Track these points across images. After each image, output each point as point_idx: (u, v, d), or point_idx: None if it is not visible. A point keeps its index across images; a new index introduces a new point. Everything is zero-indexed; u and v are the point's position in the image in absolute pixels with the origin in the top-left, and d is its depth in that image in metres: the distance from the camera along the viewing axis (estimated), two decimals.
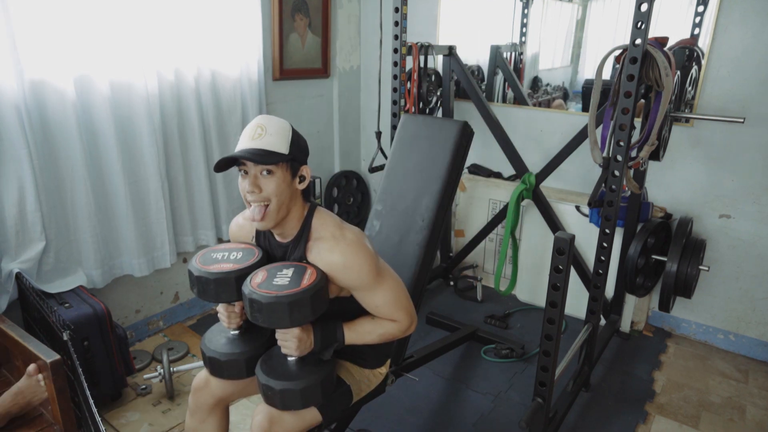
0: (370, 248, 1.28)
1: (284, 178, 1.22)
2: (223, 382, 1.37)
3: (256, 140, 1.21)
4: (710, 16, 2.28)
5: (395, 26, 2.30)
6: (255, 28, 2.64)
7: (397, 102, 2.43)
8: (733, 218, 2.44)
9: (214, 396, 1.37)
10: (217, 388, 1.37)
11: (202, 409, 1.39)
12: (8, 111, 1.84)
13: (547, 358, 1.60)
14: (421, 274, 1.68)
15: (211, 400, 1.37)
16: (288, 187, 1.24)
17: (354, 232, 1.28)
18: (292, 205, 1.26)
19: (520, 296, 2.96)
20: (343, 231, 1.27)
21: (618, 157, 1.85)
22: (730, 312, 2.55)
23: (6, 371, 1.86)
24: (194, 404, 1.39)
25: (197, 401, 1.38)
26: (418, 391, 2.20)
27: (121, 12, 2.09)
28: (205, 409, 1.39)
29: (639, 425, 2.05)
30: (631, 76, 1.76)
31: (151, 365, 2.35)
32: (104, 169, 2.19)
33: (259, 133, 1.21)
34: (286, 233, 1.30)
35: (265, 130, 1.22)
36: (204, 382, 1.37)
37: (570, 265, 1.51)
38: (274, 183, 1.21)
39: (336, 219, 1.32)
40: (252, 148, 1.20)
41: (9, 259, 1.94)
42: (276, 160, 1.20)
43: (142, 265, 2.36)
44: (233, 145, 2.66)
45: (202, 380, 1.38)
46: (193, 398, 1.39)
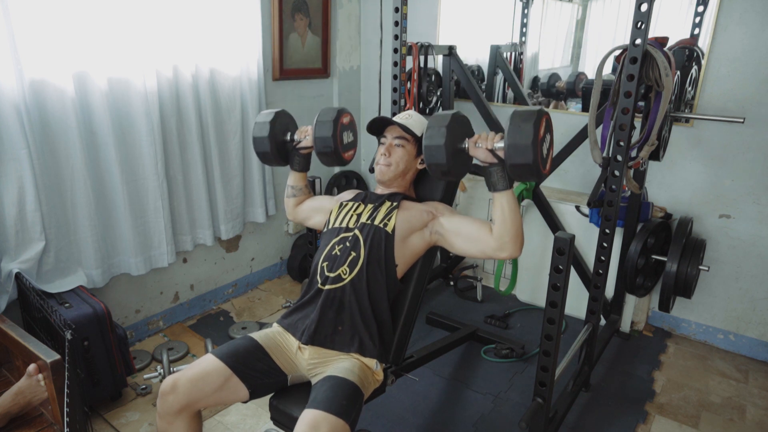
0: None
1: (410, 152, 1.67)
2: (189, 389, 1.37)
3: (403, 119, 1.66)
4: (710, 16, 2.28)
5: (395, 26, 2.30)
6: (255, 28, 2.64)
7: (397, 102, 2.43)
8: (733, 218, 2.44)
9: (179, 401, 1.37)
10: (183, 394, 1.37)
11: (169, 413, 1.39)
12: (8, 111, 1.84)
13: (547, 358, 1.60)
14: (422, 272, 1.68)
15: (177, 404, 1.38)
16: (410, 160, 1.67)
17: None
18: (407, 178, 1.70)
19: (520, 296, 2.96)
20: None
21: (618, 157, 1.85)
22: (730, 312, 2.55)
23: (6, 371, 1.86)
24: (161, 408, 1.40)
25: (163, 405, 1.39)
26: (418, 391, 2.20)
27: (120, 9, 2.09)
28: (171, 412, 1.39)
29: (639, 425, 2.05)
30: (631, 76, 1.76)
31: (151, 365, 2.35)
32: (103, 168, 2.19)
33: (406, 117, 1.68)
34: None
35: (411, 117, 1.68)
36: (171, 387, 1.38)
37: (570, 265, 1.51)
38: (401, 152, 1.65)
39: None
40: (399, 122, 1.64)
41: (9, 259, 1.93)
42: (410, 134, 1.65)
43: (140, 264, 2.36)
44: (233, 144, 2.67)
45: (169, 385, 1.39)
46: (160, 402, 1.40)
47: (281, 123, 1.77)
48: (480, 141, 1.38)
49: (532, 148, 1.26)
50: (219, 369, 1.41)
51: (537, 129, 1.26)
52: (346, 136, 1.71)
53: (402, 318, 1.64)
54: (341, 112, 1.67)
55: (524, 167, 1.29)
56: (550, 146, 1.37)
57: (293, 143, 1.77)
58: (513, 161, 1.29)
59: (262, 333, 1.56)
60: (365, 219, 1.61)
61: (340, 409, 1.28)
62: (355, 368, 1.45)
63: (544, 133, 1.31)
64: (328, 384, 1.37)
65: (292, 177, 1.83)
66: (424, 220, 1.60)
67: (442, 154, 1.35)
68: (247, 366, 1.44)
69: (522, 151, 1.27)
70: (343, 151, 1.71)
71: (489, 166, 1.38)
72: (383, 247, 1.55)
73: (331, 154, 1.67)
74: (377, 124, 1.68)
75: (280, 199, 3.06)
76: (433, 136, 1.36)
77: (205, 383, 1.39)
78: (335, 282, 1.54)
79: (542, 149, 1.29)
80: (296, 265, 3.13)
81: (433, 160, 1.37)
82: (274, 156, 1.77)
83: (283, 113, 1.80)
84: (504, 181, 1.39)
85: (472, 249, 1.52)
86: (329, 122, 1.64)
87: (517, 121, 1.28)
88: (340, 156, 1.70)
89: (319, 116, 1.67)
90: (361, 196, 1.72)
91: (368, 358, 1.51)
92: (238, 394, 1.44)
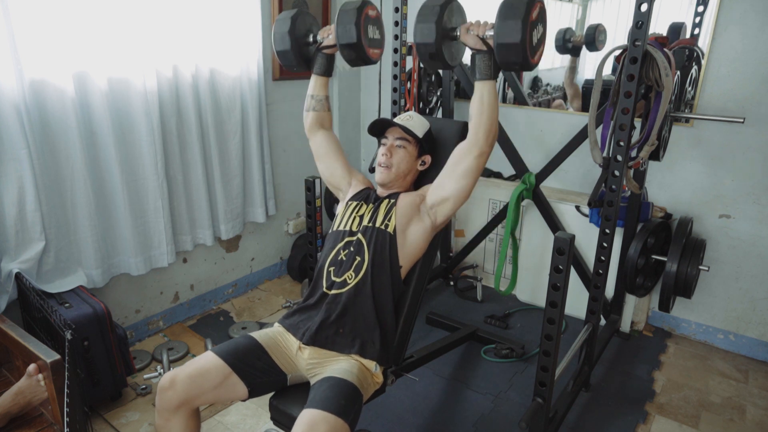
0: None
1: (411, 153, 1.67)
2: (188, 385, 1.38)
3: (405, 121, 1.67)
4: (710, 16, 2.28)
5: (395, 26, 2.30)
6: (255, 28, 2.64)
7: (397, 102, 2.43)
8: (733, 218, 2.44)
9: (178, 397, 1.38)
10: (181, 390, 1.37)
11: (167, 409, 1.39)
12: (8, 111, 1.84)
13: (547, 358, 1.60)
14: (422, 272, 1.68)
15: (175, 401, 1.38)
16: (411, 161, 1.68)
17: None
18: (407, 180, 1.70)
19: (520, 296, 2.96)
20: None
21: (618, 157, 1.85)
22: (730, 312, 2.55)
23: (6, 371, 1.86)
24: (159, 404, 1.41)
25: (162, 401, 1.39)
26: (418, 391, 2.20)
27: (120, 9, 2.09)
28: (169, 409, 1.39)
29: (639, 425, 2.05)
30: (631, 76, 1.76)
31: (151, 365, 2.35)
32: (103, 168, 2.19)
33: (407, 118, 1.69)
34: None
35: (412, 118, 1.69)
36: (169, 383, 1.38)
37: (570, 265, 1.51)
38: (402, 153, 1.65)
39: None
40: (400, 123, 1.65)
41: (9, 259, 1.93)
42: (411, 135, 1.65)
43: (139, 263, 2.36)
44: (233, 144, 2.67)
45: (168, 381, 1.39)
46: (158, 397, 1.40)
47: (303, 22, 1.67)
48: (472, 28, 1.40)
49: (522, 26, 1.24)
50: (218, 366, 1.41)
51: (529, 10, 1.25)
52: (372, 31, 1.60)
53: (402, 318, 1.64)
54: (366, 3, 1.57)
55: (511, 47, 1.28)
56: (542, 39, 1.36)
57: (316, 44, 1.69)
58: (501, 40, 1.28)
59: (263, 332, 1.56)
60: (367, 221, 1.62)
61: (339, 409, 1.28)
62: (354, 369, 1.45)
63: (537, 19, 1.30)
64: (327, 384, 1.37)
65: (313, 83, 1.78)
66: (416, 203, 1.61)
67: (432, 33, 1.33)
68: (246, 364, 1.44)
69: (511, 29, 1.26)
70: (369, 45, 1.60)
71: (478, 52, 1.41)
72: (387, 249, 1.56)
73: (355, 47, 1.56)
74: (378, 125, 1.69)
75: (280, 199, 3.06)
76: (425, 15, 1.35)
77: (204, 380, 1.39)
78: (341, 287, 1.55)
79: (532, 34, 1.28)
80: (296, 265, 3.13)
81: (423, 38, 1.36)
82: (296, 55, 1.66)
83: (306, 13, 1.68)
84: (489, 70, 1.40)
85: (457, 177, 1.53)
86: (353, 11, 1.54)
87: (510, 0, 1.29)
88: (365, 50, 1.58)
89: (342, 6, 1.58)
90: (365, 194, 1.72)
91: (368, 360, 1.51)
92: (236, 392, 1.44)
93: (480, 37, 1.39)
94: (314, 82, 1.78)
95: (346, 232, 1.63)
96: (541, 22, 1.33)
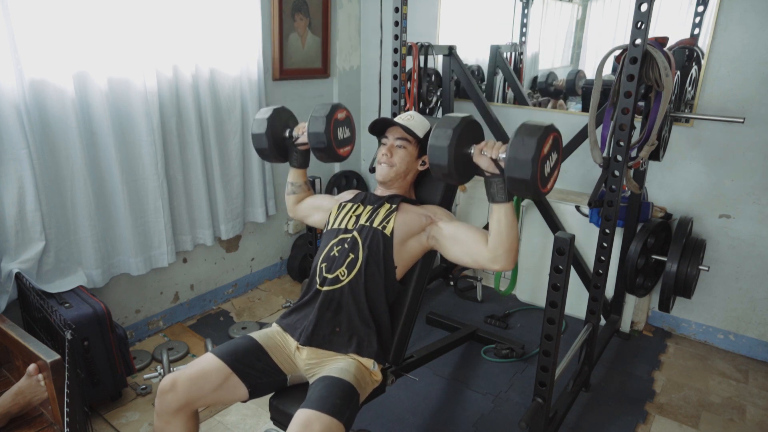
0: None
1: (412, 153, 1.66)
2: (188, 387, 1.37)
3: (405, 121, 1.66)
4: (710, 16, 2.28)
5: (395, 26, 2.30)
6: (255, 28, 2.64)
7: (397, 102, 2.43)
8: (733, 218, 2.44)
9: (178, 400, 1.37)
10: (182, 392, 1.37)
11: (167, 412, 1.39)
12: (8, 111, 1.84)
13: (547, 358, 1.60)
14: (422, 273, 1.68)
15: (175, 403, 1.37)
16: (412, 162, 1.67)
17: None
18: (407, 179, 1.69)
19: (520, 296, 2.96)
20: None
21: (618, 157, 1.85)
22: (730, 312, 2.55)
23: (6, 371, 1.86)
24: (159, 406, 1.40)
25: (162, 403, 1.39)
26: (418, 391, 2.20)
27: (120, 9, 2.09)
28: (169, 411, 1.39)
29: (639, 425, 2.05)
30: (631, 76, 1.76)
31: (151, 365, 2.35)
32: (103, 168, 2.19)
33: (408, 118, 1.67)
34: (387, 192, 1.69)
35: (413, 118, 1.68)
36: (170, 386, 1.37)
37: (570, 265, 1.51)
38: (402, 153, 1.65)
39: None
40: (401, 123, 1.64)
41: (9, 259, 1.93)
42: (412, 135, 1.64)
43: (140, 263, 2.36)
44: (233, 144, 2.67)
45: (168, 383, 1.38)
46: (158, 400, 1.40)
47: (280, 119, 1.78)
48: (486, 149, 1.35)
49: (532, 164, 1.22)
50: (219, 368, 1.41)
51: (540, 145, 1.22)
52: (342, 132, 1.71)
53: (402, 318, 1.64)
54: (336, 108, 1.67)
55: (521, 183, 1.25)
56: (556, 166, 1.32)
57: (292, 139, 1.77)
58: (511, 174, 1.26)
59: (262, 333, 1.56)
60: (364, 221, 1.61)
61: (333, 409, 1.28)
62: (351, 368, 1.45)
63: (549, 151, 1.26)
64: (323, 384, 1.37)
65: (292, 174, 1.84)
66: (422, 224, 1.59)
67: (445, 157, 1.33)
68: (246, 365, 1.44)
69: (521, 165, 1.23)
70: (338, 146, 1.70)
71: (491, 176, 1.36)
72: (382, 249, 1.55)
73: (325, 150, 1.67)
74: (379, 124, 1.69)
75: (280, 199, 3.06)
76: (439, 137, 1.34)
77: (205, 381, 1.39)
78: (333, 283, 1.54)
79: (543, 167, 1.25)
80: (296, 265, 3.13)
81: (436, 160, 1.35)
82: (273, 153, 1.77)
83: (283, 110, 1.80)
84: (503, 194, 1.36)
85: (466, 257, 1.50)
86: (322, 118, 1.64)
87: (522, 133, 1.24)
88: (335, 152, 1.69)
89: (313, 112, 1.67)
90: (361, 197, 1.71)
91: (365, 359, 1.51)
92: (237, 394, 1.44)
93: (493, 159, 1.34)
94: (293, 173, 1.84)
95: (341, 230, 1.63)
96: (554, 151, 1.30)
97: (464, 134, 1.35)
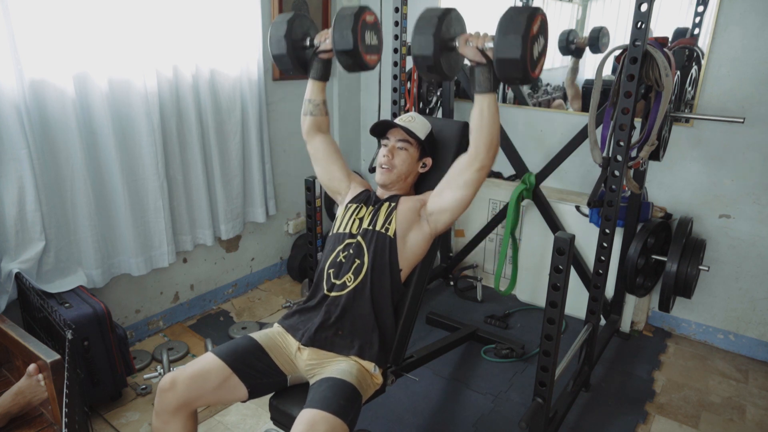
0: None
1: (413, 155, 1.66)
2: (188, 386, 1.37)
3: (407, 122, 1.65)
4: (710, 16, 2.28)
5: (395, 26, 2.29)
6: (255, 28, 2.64)
7: (397, 102, 2.43)
8: (733, 218, 2.44)
9: (178, 399, 1.37)
10: (182, 391, 1.37)
11: (166, 411, 1.38)
12: (8, 111, 1.84)
13: (547, 358, 1.60)
14: (422, 273, 1.68)
15: (174, 402, 1.37)
16: (412, 163, 1.67)
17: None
18: (407, 182, 1.69)
19: (520, 296, 2.96)
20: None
21: (618, 157, 1.85)
22: (730, 312, 2.55)
23: (6, 371, 1.86)
24: (158, 405, 1.40)
25: (161, 402, 1.38)
26: (418, 391, 2.20)
27: (121, 9, 2.09)
28: (168, 410, 1.38)
29: (639, 425, 2.05)
30: (631, 76, 1.76)
31: (151, 365, 2.35)
32: (103, 168, 2.19)
33: (409, 120, 1.67)
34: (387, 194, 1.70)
35: (414, 120, 1.68)
36: (170, 384, 1.37)
37: (570, 265, 1.51)
38: (403, 155, 1.65)
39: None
40: (402, 125, 1.64)
41: (9, 259, 1.93)
42: (413, 137, 1.64)
43: (140, 264, 2.36)
44: (233, 144, 2.67)
45: (168, 382, 1.37)
46: (158, 399, 1.39)
47: (300, 25, 1.65)
48: (471, 39, 1.35)
49: (522, 42, 1.20)
50: (219, 367, 1.41)
51: (530, 23, 1.21)
52: (369, 37, 1.57)
53: (402, 319, 1.64)
54: (363, 9, 1.54)
55: (511, 63, 1.23)
56: (543, 51, 1.31)
57: (313, 48, 1.66)
58: (500, 55, 1.24)
59: (262, 333, 1.56)
60: (367, 224, 1.61)
61: (338, 409, 1.28)
62: (353, 370, 1.45)
63: (538, 32, 1.25)
64: (326, 385, 1.37)
65: (310, 88, 1.75)
66: (416, 208, 1.60)
67: (430, 46, 1.30)
68: (246, 365, 1.44)
69: (511, 44, 1.21)
70: (366, 52, 1.56)
71: (477, 65, 1.36)
72: (387, 253, 1.55)
73: (352, 53, 1.52)
74: (380, 126, 1.68)
75: (280, 199, 3.07)
76: (423, 27, 1.31)
77: (205, 381, 1.38)
78: (341, 289, 1.54)
79: (533, 48, 1.24)
80: (296, 265, 3.13)
81: (420, 51, 1.32)
82: (292, 60, 1.64)
83: (303, 16, 1.66)
84: (488, 83, 1.35)
85: (456, 189, 1.51)
86: (349, 16, 1.50)
87: (511, 13, 1.24)
88: (362, 57, 1.55)
89: (339, 11, 1.54)
90: (364, 197, 1.71)
91: (367, 362, 1.51)
92: (237, 394, 1.44)
93: (479, 48, 1.34)
94: (311, 87, 1.76)
95: (345, 235, 1.63)
96: (542, 34, 1.29)
97: (448, 24, 1.33)
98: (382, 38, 1.67)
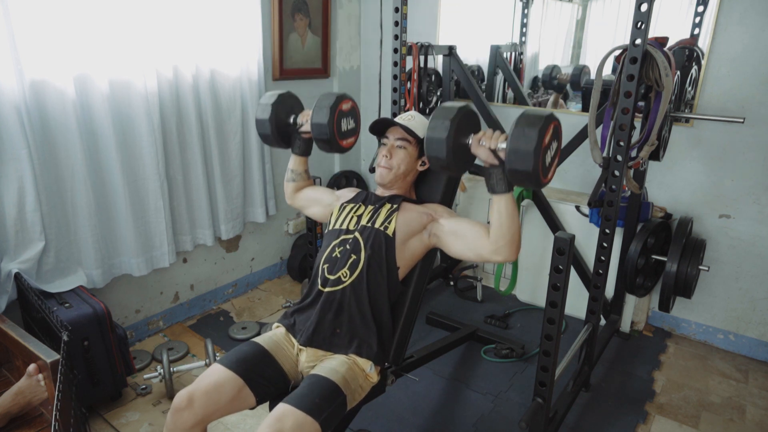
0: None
1: (412, 154, 1.66)
2: (205, 403, 1.32)
3: (406, 121, 1.66)
4: (710, 16, 2.28)
5: (395, 26, 2.29)
6: (255, 28, 2.64)
7: (397, 102, 2.43)
8: (733, 218, 2.44)
9: (195, 416, 1.32)
10: (199, 408, 1.32)
11: (182, 429, 1.33)
12: (8, 111, 1.84)
13: (547, 358, 1.60)
14: (422, 273, 1.68)
15: (192, 420, 1.32)
16: (412, 162, 1.66)
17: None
18: (407, 180, 1.69)
19: (520, 296, 2.96)
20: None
21: (618, 157, 1.85)
22: (730, 312, 2.55)
23: (6, 371, 1.87)
24: (174, 424, 1.33)
25: (177, 421, 1.32)
26: (418, 391, 2.20)
27: (121, 10, 2.09)
28: (184, 428, 1.33)
29: (639, 425, 2.05)
30: (631, 76, 1.76)
31: (151, 365, 2.35)
32: (103, 168, 2.19)
33: (409, 118, 1.67)
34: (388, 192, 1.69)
35: (413, 118, 1.68)
36: (186, 403, 1.31)
37: (570, 265, 1.51)
38: (402, 154, 1.64)
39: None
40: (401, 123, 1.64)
41: (8, 259, 1.94)
42: (413, 135, 1.64)
43: (141, 264, 2.36)
44: (233, 144, 2.67)
45: (185, 400, 1.32)
46: (172, 418, 1.33)
47: (286, 105, 1.74)
48: (484, 139, 1.33)
49: (534, 156, 1.20)
50: (231, 379, 1.37)
51: (542, 136, 1.20)
52: (346, 123, 1.67)
53: (402, 318, 1.64)
54: (341, 98, 1.63)
55: (523, 174, 1.24)
56: (556, 154, 1.31)
57: (296, 126, 1.75)
58: (512, 166, 1.25)
59: (266, 337, 1.55)
60: (365, 221, 1.61)
61: (311, 407, 1.26)
62: (342, 368, 1.43)
63: (550, 141, 1.25)
64: (307, 382, 1.37)
65: (293, 160, 1.82)
66: (423, 222, 1.59)
67: (443, 148, 1.31)
68: (257, 374, 1.42)
69: (522, 157, 1.21)
70: (341, 138, 1.67)
71: (490, 167, 1.35)
72: (384, 250, 1.55)
73: (328, 141, 1.64)
74: (379, 124, 1.68)
75: (280, 199, 3.06)
76: (436, 128, 1.32)
77: (220, 395, 1.34)
78: (335, 284, 1.53)
79: (545, 157, 1.24)
80: (296, 265, 3.13)
81: (434, 152, 1.34)
82: (275, 138, 1.74)
83: (289, 95, 1.76)
84: (503, 184, 1.34)
85: (468, 252, 1.50)
86: (326, 108, 1.60)
87: (523, 124, 1.22)
88: (337, 143, 1.66)
89: (317, 102, 1.64)
90: (362, 197, 1.71)
91: (364, 360, 1.50)
92: (247, 403, 1.42)
93: (491, 149, 1.32)
94: (293, 160, 1.82)
95: (342, 231, 1.62)
96: (555, 140, 1.28)
97: (462, 125, 1.33)
98: (359, 118, 1.76)
